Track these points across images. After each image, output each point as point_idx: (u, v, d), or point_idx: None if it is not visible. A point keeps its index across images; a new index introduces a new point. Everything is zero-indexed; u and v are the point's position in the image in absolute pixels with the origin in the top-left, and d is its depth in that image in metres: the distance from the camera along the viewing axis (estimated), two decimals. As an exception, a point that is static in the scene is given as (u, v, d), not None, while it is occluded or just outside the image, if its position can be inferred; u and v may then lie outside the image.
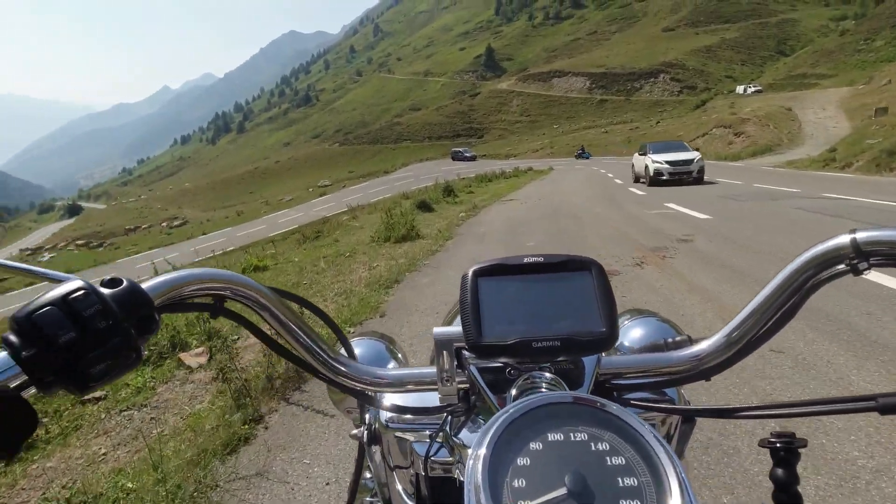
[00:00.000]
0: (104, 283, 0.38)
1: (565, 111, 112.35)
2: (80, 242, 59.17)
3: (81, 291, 0.35)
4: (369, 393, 0.56)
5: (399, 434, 0.56)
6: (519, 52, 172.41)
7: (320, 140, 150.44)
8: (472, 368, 0.50)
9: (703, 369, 0.50)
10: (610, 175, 22.06)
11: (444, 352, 0.50)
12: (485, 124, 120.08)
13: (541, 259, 0.49)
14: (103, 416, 2.81)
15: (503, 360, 0.48)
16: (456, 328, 0.50)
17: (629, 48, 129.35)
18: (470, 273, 0.50)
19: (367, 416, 0.62)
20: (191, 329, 3.87)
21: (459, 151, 67.87)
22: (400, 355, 0.74)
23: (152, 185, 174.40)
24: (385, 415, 0.58)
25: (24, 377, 0.33)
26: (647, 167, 15.71)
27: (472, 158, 63.83)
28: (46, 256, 51.75)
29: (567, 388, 0.47)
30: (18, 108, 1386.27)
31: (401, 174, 53.78)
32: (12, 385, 0.33)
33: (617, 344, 0.53)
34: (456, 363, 0.50)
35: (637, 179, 17.33)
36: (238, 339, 3.82)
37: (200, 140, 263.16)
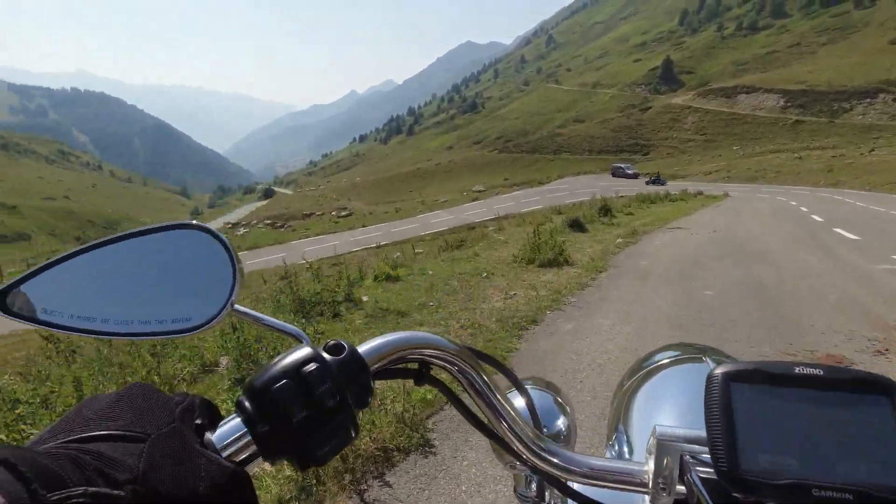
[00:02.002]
0: (328, 349, 0.38)
1: (749, 131, 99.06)
2: (267, 222, 68.37)
3: (313, 365, 0.36)
4: (564, 480, 0.49)
5: None
6: (701, 65, 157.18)
7: (480, 146, 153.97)
8: (697, 481, 0.42)
9: None
10: (804, 209, 17.81)
11: (667, 458, 0.43)
12: (652, 141, 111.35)
13: (819, 372, 0.38)
14: None
15: (764, 500, 0.37)
16: (685, 431, 0.43)
17: (841, 62, 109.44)
18: (719, 374, 0.40)
19: (546, 491, 0.56)
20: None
21: (621, 167, 63.77)
22: (568, 409, 0.69)
23: (330, 177, 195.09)
24: None
25: (254, 448, 0.35)
26: None
27: (634, 176, 59.45)
28: (241, 231, 60.95)
29: None
30: (241, 105, 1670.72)
31: (555, 186, 52.16)
32: (242, 456, 0.35)
33: None
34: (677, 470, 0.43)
35: None
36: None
37: (375, 140, 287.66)
